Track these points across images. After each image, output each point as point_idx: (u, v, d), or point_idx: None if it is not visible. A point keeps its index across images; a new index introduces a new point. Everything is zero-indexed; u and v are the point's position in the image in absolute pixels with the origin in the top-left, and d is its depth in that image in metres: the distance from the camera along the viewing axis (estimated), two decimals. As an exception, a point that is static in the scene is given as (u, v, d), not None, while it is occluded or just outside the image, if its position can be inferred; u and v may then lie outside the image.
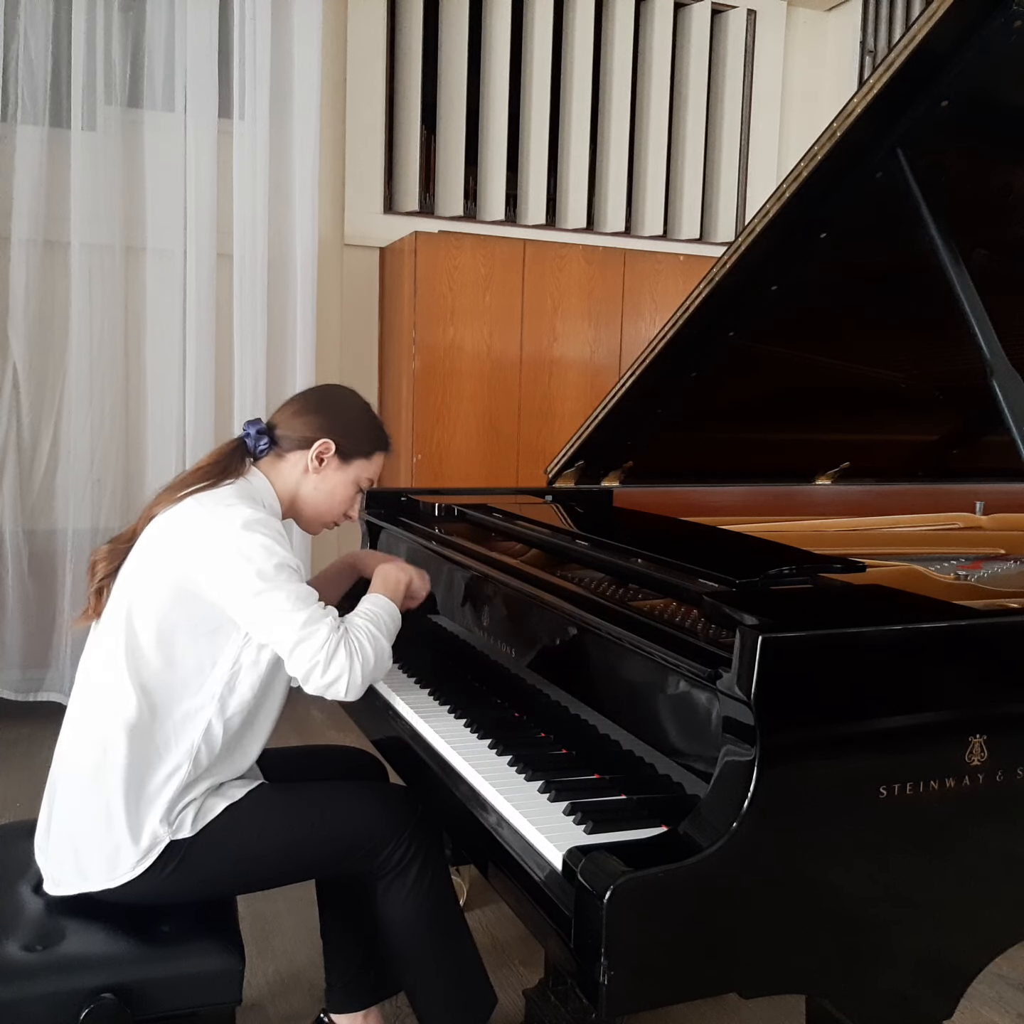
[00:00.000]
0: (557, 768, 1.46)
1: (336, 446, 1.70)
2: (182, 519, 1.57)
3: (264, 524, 1.55)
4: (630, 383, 2.19)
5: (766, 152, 5.05)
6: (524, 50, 4.55)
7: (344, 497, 1.75)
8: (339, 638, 1.51)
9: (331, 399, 1.79)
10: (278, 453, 1.71)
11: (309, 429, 1.70)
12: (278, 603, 1.50)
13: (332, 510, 1.75)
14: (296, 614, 1.50)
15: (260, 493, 1.67)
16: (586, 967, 1.08)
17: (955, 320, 1.67)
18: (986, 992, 2.21)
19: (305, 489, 1.72)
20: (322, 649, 1.49)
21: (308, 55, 3.90)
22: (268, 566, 1.51)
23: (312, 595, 1.54)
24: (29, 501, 3.75)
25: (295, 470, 1.71)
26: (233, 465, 1.67)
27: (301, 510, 1.74)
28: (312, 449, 1.69)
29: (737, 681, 1.13)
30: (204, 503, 1.58)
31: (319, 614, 1.52)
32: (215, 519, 1.54)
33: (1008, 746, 1.23)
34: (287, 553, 1.55)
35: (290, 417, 1.73)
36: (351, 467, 1.73)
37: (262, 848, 1.55)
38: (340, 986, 1.85)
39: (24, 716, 3.61)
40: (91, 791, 1.50)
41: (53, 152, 3.61)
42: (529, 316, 4.06)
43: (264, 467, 1.71)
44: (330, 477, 1.72)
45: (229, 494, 1.60)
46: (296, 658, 1.50)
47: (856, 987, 1.22)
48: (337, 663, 1.50)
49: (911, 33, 1.50)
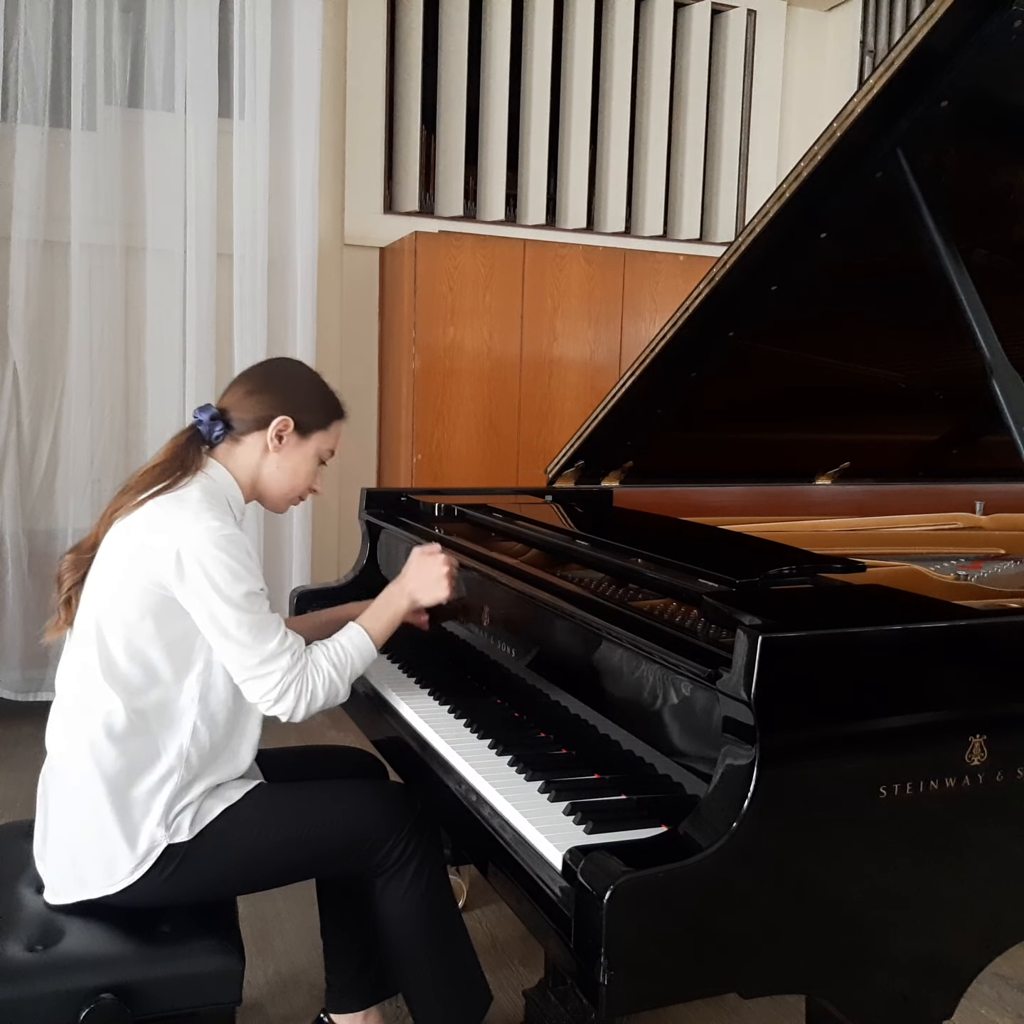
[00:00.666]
0: (557, 768, 1.46)
1: (294, 422, 1.66)
2: (144, 526, 1.53)
3: (232, 541, 1.51)
4: (630, 383, 2.19)
5: (766, 152, 5.05)
6: (524, 50, 4.55)
7: (307, 472, 1.71)
8: (292, 679, 1.53)
9: (281, 374, 1.75)
10: (234, 437, 1.66)
11: (263, 408, 1.65)
12: (238, 634, 1.49)
13: (297, 487, 1.72)
14: (252, 652, 1.50)
15: (222, 488, 1.62)
16: (586, 967, 1.08)
17: (955, 320, 1.67)
18: (986, 992, 2.21)
19: (267, 470, 1.67)
20: (272, 691, 1.52)
21: (308, 55, 3.90)
22: (234, 593, 1.48)
23: (274, 626, 1.53)
24: (29, 501, 3.75)
25: (254, 452, 1.66)
26: (190, 458, 1.61)
27: (265, 491, 1.70)
28: (270, 428, 1.65)
29: (737, 681, 1.12)
30: (166, 507, 1.53)
31: (276, 652, 1.52)
32: (180, 532, 1.49)
33: (1008, 746, 1.23)
34: (253, 578, 1.52)
35: (242, 398, 1.67)
36: (311, 441, 1.69)
37: (261, 848, 1.55)
38: (340, 986, 1.85)
39: (24, 716, 3.61)
40: (82, 801, 1.49)
41: (53, 152, 3.61)
42: (529, 316, 4.06)
43: (221, 455, 1.66)
44: (291, 454, 1.68)
45: (191, 496, 1.55)
46: (246, 691, 1.54)
47: (856, 987, 1.22)
48: (284, 704, 1.54)
49: (911, 33, 1.50)
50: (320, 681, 1.57)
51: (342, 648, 1.63)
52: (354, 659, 1.64)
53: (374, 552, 2.40)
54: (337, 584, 2.41)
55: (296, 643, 1.56)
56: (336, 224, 4.27)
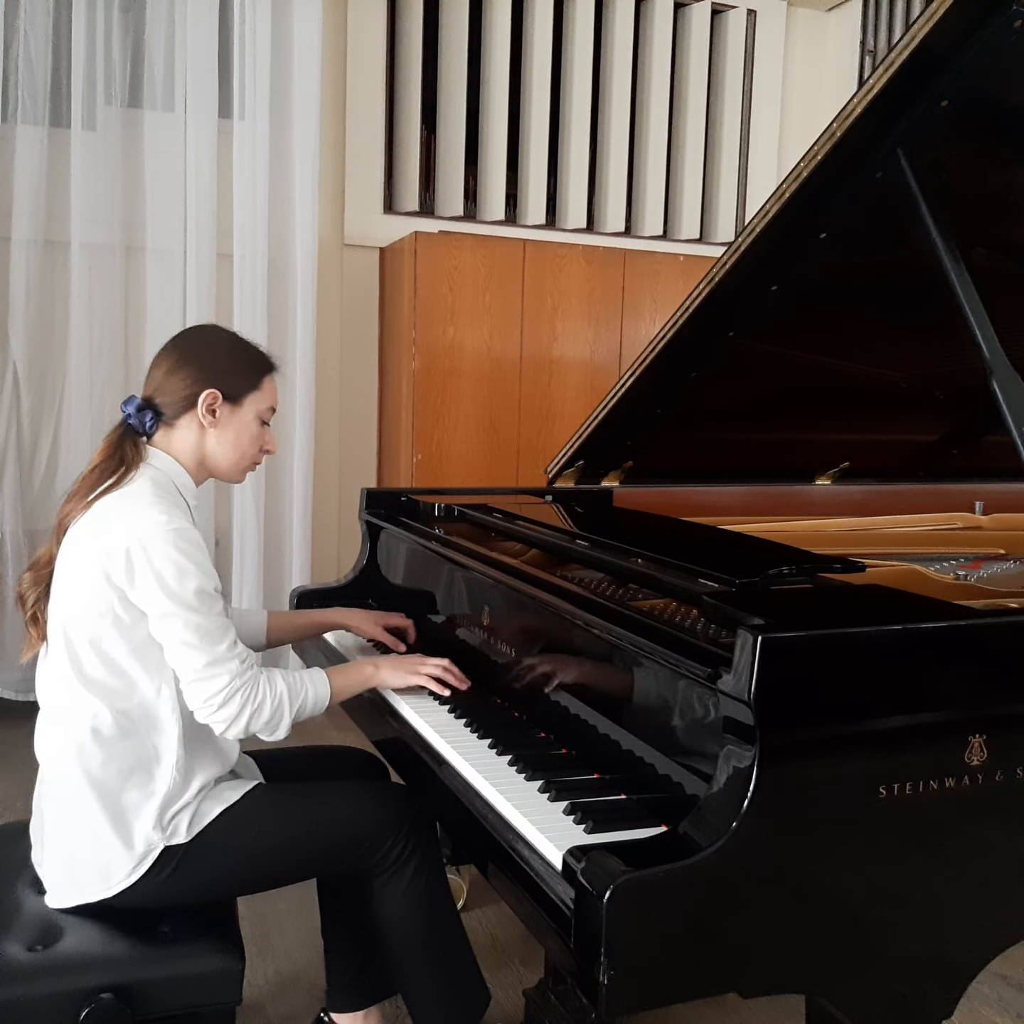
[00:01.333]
0: (557, 768, 1.46)
1: (221, 393, 1.60)
2: (93, 528, 1.50)
3: (182, 536, 1.47)
4: (630, 383, 2.19)
5: (766, 152, 5.05)
6: (524, 50, 4.55)
7: (251, 437, 1.65)
8: (239, 686, 1.49)
9: (194, 346, 1.66)
10: (167, 423, 1.60)
11: (186, 386, 1.59)
12: (183, 635, 1.46)
13: (246, 454, 1.66)
14: (198, 653, 1.46)
15: (168, 475, 1.58)
16: (586, 967, 1.08)
17: (955, 320, 1.67)
18: (986, 992, 2.21)
19: (210, 446, 1.62)
20: (218, 695, 1.48)
21: (308, 55, 3.90)
22: (183, 590, 1.45)
23: (223, 630, 1.49)
24: (29, 501, 3.75)
25: (190, 433, 1.60)
26: (128, 453, 1.56)
27: (215, 467, 1.65)
28: (199, 405, 1.59)
29: (737, 681, 1.13)
30: (113, 505, 1.50)
31: (224, 656, 1.48)
32: (126, 530, 1.46)
33: (1008, 746, 1.23)
34: (203, 574, 1.48)
35: (162, 381, 1.60)
36: (244, 406, 1.63)
37: (259, 849, 1.54)
38: (340, 986, 1.85)
39: (24, 716, 3.60)
40: (74, 807, 1.49)
41: (53, 152, 3.61)
42: (529, 316, 4.06)
43: (160, 442, 1.61)
44: (229, 425, 1.62)
45: (137, 490, 1.51)
46: (190, 694, 1.49)
47: (856, 987, 1.22)
48: (227, 710, 1.49)
49: (911, 33, 1.50)
50: (271, 697, 1.53)
51: (301, 681, 1.59)
52: (308, 696, 1.59)
53: (374, 552, 2.40)
54: (337, 584, 2.41)
55: (247, 652, 1.53)
56: (336, 224, 4.27)
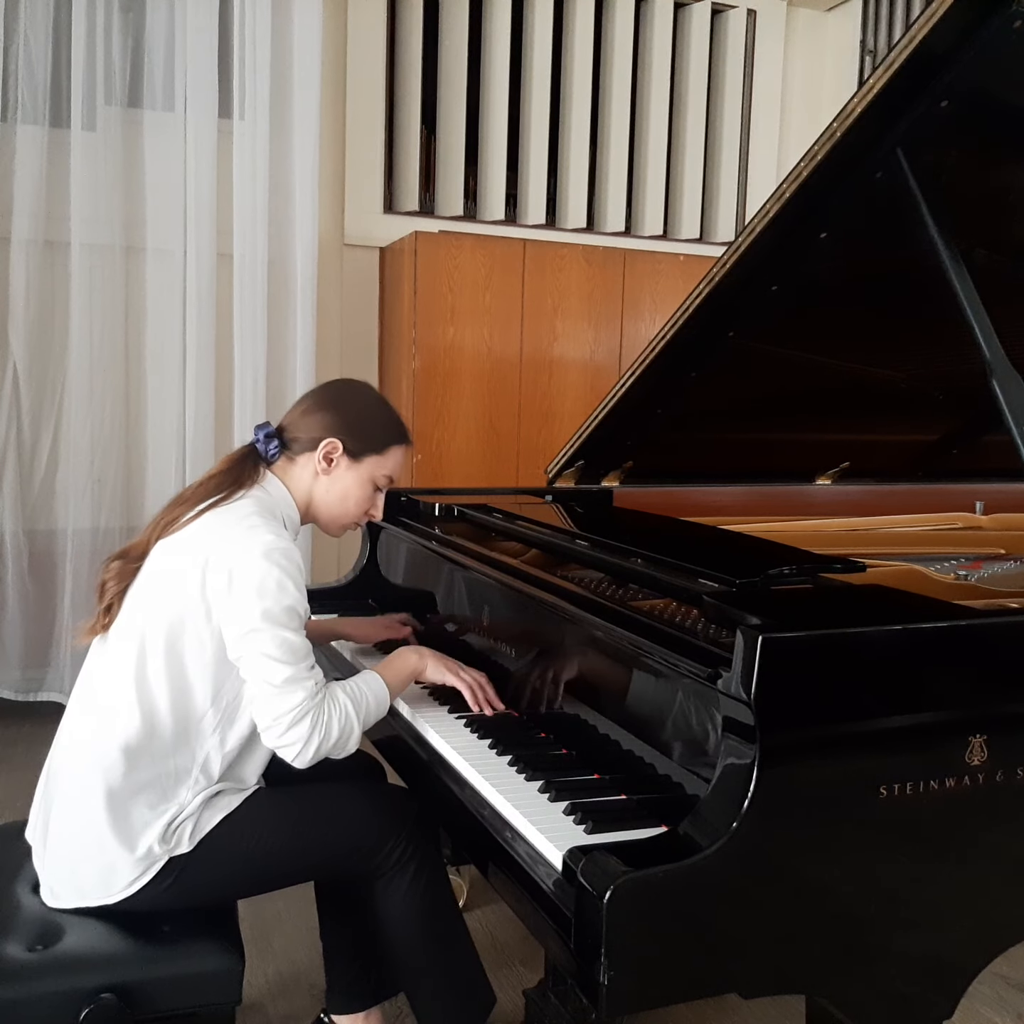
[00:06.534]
0: (557, 768, 1.46)
1: (343, 444, 1.63)
2: (199, 540, 1.51)
3: (285, 555, 1.48)
4: (630, 383, 2.19)
5: (766, 152, 5.05)
6: (524, 50, 4.55)
7: (360, 498, 1.68)
8: (311, 707, 1.47)
9: (339, 395, 1.71)
10: (289, 456, 1.65)
11: (316, 429, 1.64)
12: (268, 648, 1.45)
13: (348, 512, 1.69)
14: (281, 667, 1.45)
15: (277, 503, 1.61)
16: (586, 967, 1.08)
17: (955, 320, 1.67)
18: (986, 992, 2.20)
19: (318, 492, 1.65)
20: (290, 713, 1.45)
21: (308, 55, 3.89)
22: (277, 607, 1.45)
23: (306, 651, 1.49)
24: (29, 501, 3.75)
25: (306, 473, 1.64)
26: (246, 473, 1.60)
27: (317, 514, 1.68)
28: (318, 450, 1.63)
29: (737, 681, 1.13)
30: (223, 520, 1.52)
31: (303, 675, 1.47)
32: (234, 544, 1.48)
33: (1008, 746, 1.23)
34: (299, 595, 1.49)
35: (299, 417, 1.66)
36: (363, 465, 1.66)
37: (260, 855, 1.54)
38: (340, 987, 1.85)
39: (24, 716, 3.61)
40: (82, 812, 1.48)
41: (53, 152, 3.61)
42: (529, 316, 4.06)
43: (279, 472, 1.65)
44: (341, 477, 1.65)
45: (247, 509, 1.54)
46: (262, 710, 1.47)
47: (856, 987, 1.22)
48: (297, 731, 1.46)
49: (911, 33, 1.50)
50: (336, 714, 1.50)
51: (358, 687, 1.57)
52: (370, 701, 1.57)
53: (374, 552, 2.40)
54: (337, 584, 2.41)
55: (320, 674, 1.52)
56: (336, 224, 4.27)
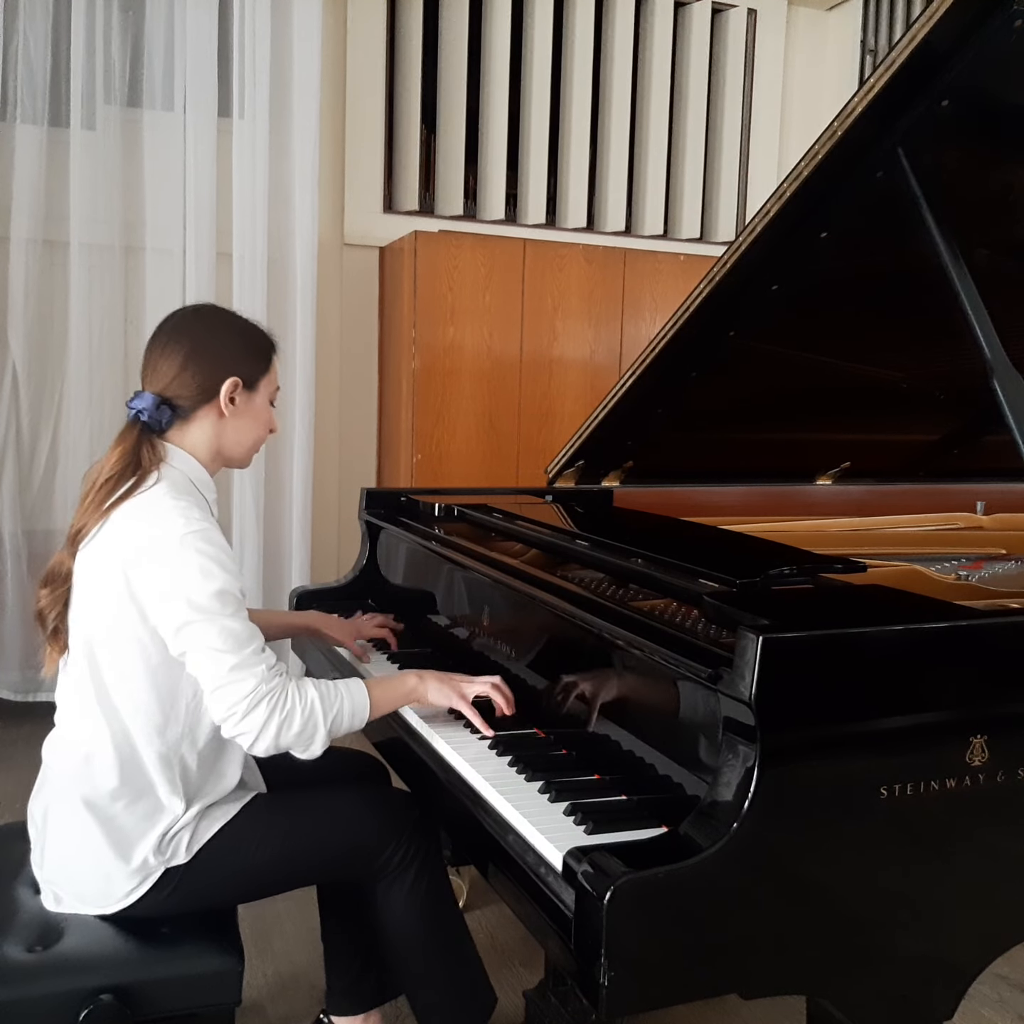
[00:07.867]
0: (557, 769, 1.46)
1: (241, 380, 1.56)
2: (113, 540, 1.45)
3: (201, 537, 1.42)
4: (630, 383, 2.19)
5: (766, 152, 5.05)
6: (524, 50, 4.55)
7: (264, 420, 1.63)
8: (266, 692, 1.41)
9: (203, 332, 1.60)
10: (183, 417, 1.55)
11: (204, 377, 1.53)
12: (207, 639, 1.40)
13: (259, 439, 1.64)
14: (224, 656, 1.40)
15: (186, 473, 1.53)
16: (586, 968, 1.08)
17: (956, 320, 1.67)
18: (986, 993, 2.20)
19: (227, 435, 1.58)
20: (243, 701, 1.40)
21: (308, 55, 3.89)
22: (203, 595, 1.40)
23: (249, 634, 1.43)
24: (29, 501, 3.75)
25: (207, 424, 1.55)
26: (146, 455, 1.50)
27: (231, 456, 1.61)
28: (221, 395, 1.54)
29: (737, 682, 1.12)
30: (132, 515, 1.45)
31: (250, 660, 1.41)
32: (146, 538, 1.42)
33: (1009, 746, 1.23)
34: (227, 575, 1.42)
35: (176, 374, 1.53)
36: (260, 390, 1.61)
37: (259, 862, 1.53)
38: (340, 989, 1.85)
39: (24, 716, 3.61)
40: (75, 826, 1.47)
41: (53, 152, 3.61)
42: (529, 316, 4.06)
43: (175, 439, 1.55)
44: (246, 411, 1.58)
45: (156, 497, 1.46)
46: (215, 702, 1.42)
47: (856, 987, 1.22)
48: (253, 718, 1.41)
49: (911, 32, 1.50)
50: (301, 705, 1.44)
51: (335, 689, 1.51)
52: (344, 707, 1.50)
53: (374, 552, 2.40)
54: (337, 584, 2.41)
55: (274, 657, 1.47)
56: (336, 224, 4.27)
